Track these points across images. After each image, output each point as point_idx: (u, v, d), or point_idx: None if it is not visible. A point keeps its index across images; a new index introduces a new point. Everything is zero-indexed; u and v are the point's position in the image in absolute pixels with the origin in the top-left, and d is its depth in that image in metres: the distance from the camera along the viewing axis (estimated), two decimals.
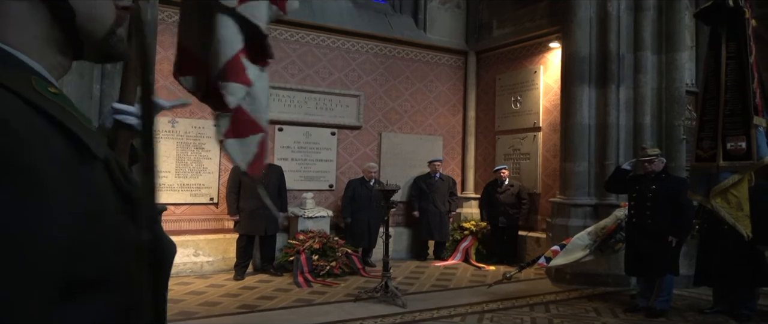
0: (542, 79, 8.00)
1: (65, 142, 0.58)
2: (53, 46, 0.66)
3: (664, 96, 6.45)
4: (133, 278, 0.65)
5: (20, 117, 0.54)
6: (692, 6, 6.90)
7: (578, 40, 6.61)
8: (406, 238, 8.26)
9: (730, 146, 4.88)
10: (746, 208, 4.82)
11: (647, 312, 5.07)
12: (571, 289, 6.07)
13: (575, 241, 5.69)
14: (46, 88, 0.60)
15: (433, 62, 8.83)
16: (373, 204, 7.01)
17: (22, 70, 0.61)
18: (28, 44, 0.63)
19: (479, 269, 7.38)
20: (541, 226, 7.59)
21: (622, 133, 6.47)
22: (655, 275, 5.14)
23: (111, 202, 0.64)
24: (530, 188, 7.93)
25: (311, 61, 7.78)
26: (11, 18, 0.62)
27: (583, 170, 6.57)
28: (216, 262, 6.78)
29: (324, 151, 7.81)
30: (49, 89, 0.60)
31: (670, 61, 6.43)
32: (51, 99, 0.59)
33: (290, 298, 5.56)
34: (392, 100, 8.41)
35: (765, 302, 5.33)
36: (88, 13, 0.67)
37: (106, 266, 0.60)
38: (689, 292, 5.89)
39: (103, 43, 0.71)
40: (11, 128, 0.51)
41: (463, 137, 9.08)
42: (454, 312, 5.12)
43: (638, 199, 5.21)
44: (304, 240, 6.60)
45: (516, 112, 8.36)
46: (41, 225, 0.51)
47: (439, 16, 8.90)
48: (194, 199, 6.89)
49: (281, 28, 7.53)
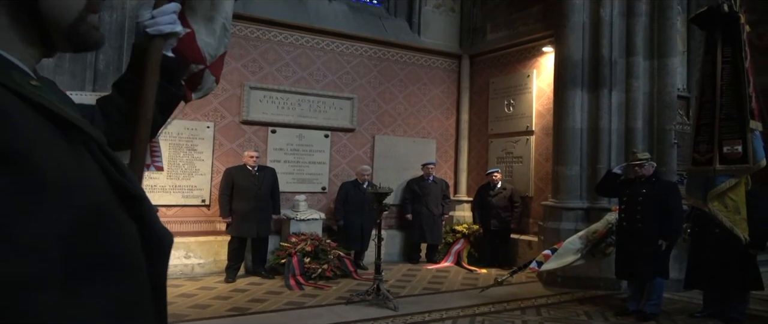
0: (535, 83, 8.03)
1: (53, 129, 0.58)
2: (20, 36, 0.64)
3: (655, 101, 6.49)
4: (130, 265, 0.64)
5: (11, 106, 0.54)
6: (684, 12, 6.97)
7: (571, 44, 6.65)
8: (399, 241, 8.26)
9: (727, 150, 4.92)
10: (743, 211, 4.86)
11: (638, 315, 5.09)
12: (562, 293, 6.09)
13: (566, 246, 5.71)
14: (28, 81, 0.60)
15: (427, 65, 8.85)
16: (365, 206, 7.01)
17: (1, 65, 0.60)
18: (2, 38, 0.62)
19: (471, 272, 7.39)
20: (533, 229, 7.61)
21: (613, 137, 6.50)
22: (645, 279, 5.16)
23: (103, 188, 0.64)
24: (523, 191, 7.95)
25: (305, 64, 7.77)
26: None
27: (575, 174, 6.60)
28: (207, 265, 6.76)
29: (317, 153, 7.80)
30: (30, 82, 0.60)
31: (662, 67, 6.47)
32: (33, 91, 0.59)
33: (281, 300, 5.55)
34: (386, 102, 8.42)
35: (755, 306, 5.35)
36: (52, 0, 0.65)
37: (102, 251, 0.59)
38: (680, 295, 5.91)
39: (70, 31, 0.67)
40: (4, 116, 0.51)
41: (457, 140, 9.09)
42: (445, 315, 5.12)
43: (629, 203, 5.23)
44: (296, 242, 6.58)
45: (509, 115, 8.39)
46: (40, 211, 0.51)
47: (433, 19, 8.93)
48: (186, 200, 6.86)
49: (275, 30, 7.53)
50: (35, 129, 0.55)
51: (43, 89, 0.62)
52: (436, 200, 7.97)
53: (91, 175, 0.63)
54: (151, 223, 0.70)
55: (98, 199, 0.61)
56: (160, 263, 0.72)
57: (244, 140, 7.30)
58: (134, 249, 0.65)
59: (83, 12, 0.68)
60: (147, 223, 0.69)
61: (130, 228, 0.66)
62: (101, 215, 0.60)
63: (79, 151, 0.62)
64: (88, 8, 0.68)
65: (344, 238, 7.22)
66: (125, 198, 0.67)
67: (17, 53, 0.63)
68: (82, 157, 0.63)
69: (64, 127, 0.60)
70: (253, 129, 7.39)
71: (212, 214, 6.95)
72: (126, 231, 0.64)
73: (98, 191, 0.62)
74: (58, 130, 0.59)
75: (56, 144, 0.57)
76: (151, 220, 0.71)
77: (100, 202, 0.61)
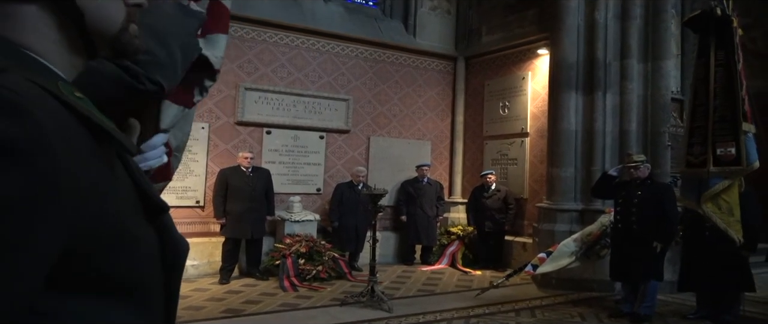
0: (530, 85, 8.05)
1: (91, 139, 0.61)
2: (67, 47, 0.68)
3: (649, 103, 6.52)
4: (148, 277, 0.67)
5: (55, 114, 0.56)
6: (678, 15, 7.00)
7: (566, 47, 6.67)
8: (394, 243, 8.25)
9: (720, 152, 4.94)
10: (737, 213, 4.89)
11: (631, 317, 5.10)
12: (556, 295, 6.10)
13: (561, 249, 5.71)
14: (72, 92, 0.63)
15: (423, 67, 8.85)
16: (360, 208, 7.00)
17: (49, 76, 0.63)
18: (49, 50, 0.65)
19: (466, 274, 7.39)
20: (528, 231, 7.62)
21: (608, 140, 6.52)
22: (639, 281, 5.18)
23: (131, 200, 0.66)
24: (517, 193, 7.97)
25: (300, 65, 7.76)
26: (27, 25, 0.64)
27: (569, 176, 6.61)
28: (201, 266, 6.73)
29: (312, 154, 7.79)
30: (74, 93, 0.63)
31: (656, 69, 6.50)
32: (76, 101, 0.62)
33: (276, 302, 5.53)
34: (381, 104, 8.42)
35: (748, 308, 5.38)
36: (97, 13, 0.68)
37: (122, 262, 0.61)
38: (673, 297, 5.93)
39: (115, 41, 0.72)
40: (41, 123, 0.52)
41: (452, 142, 9.10)
42: (440, 317, 5.12)
43: (624, 205, 5.25)
44: (290, 244, 6.56)
45: (504, 117, 8.41)
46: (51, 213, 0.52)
47: (429, 21, 8.94)
48: (180, 202, 6.83)
49: (271, 31, 7.52)
50: (70, 135, 0.56)
51: (86, 101, 0.64)
52: (431, 202, 7.98)
53: (121, 186, 0.65)
54: (171, 233, 0.74)
55: (120, 209, 0.62)
56: (175, 272, 0.75)
57: (239, 141, 7.28)
58: (148, 265, 0.68)
59: (125, 22, 0.72)
60: (167, 233, 0.73)
61: (150, 240, 0.68)
62: (120, 229, 0.61)
63: (113, 162, 0.65)
64: (128, 18, 0.72)
65: (339, 240, 7.20)
66: (151, 209, 0.70)
67: (63, 66, 0.67)
68: (115, 167, 0.65)
69: (103, 137, 0.63)
70: (248, 130, 7.37)
71: (206, 215, 6.92)
72: (143, 245, 0.66)
73: (124, 202, 0.64)
74: (94, 139, 0.61)
75: (90, 153, 0.59)
76: (171, 230, 0.74)
77: (121, 213, 0.62)
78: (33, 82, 0.57)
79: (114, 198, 0.61)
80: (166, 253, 0.71)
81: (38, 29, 0.64)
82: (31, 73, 0.59)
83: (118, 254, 0.61)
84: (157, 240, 0.70)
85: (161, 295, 0.71)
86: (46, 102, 0.56)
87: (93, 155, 0.60)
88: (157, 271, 0.70)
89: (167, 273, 0.72)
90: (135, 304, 0.64)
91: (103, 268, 0.59)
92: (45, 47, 0.64)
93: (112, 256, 0.60)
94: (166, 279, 0.72)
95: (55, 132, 0.53)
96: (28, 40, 0.63)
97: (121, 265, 0.61)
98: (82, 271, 0.57)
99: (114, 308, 0.61)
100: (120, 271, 0.61)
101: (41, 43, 0.64)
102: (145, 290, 0.67)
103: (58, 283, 0.55)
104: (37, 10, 0.64)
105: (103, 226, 0.58)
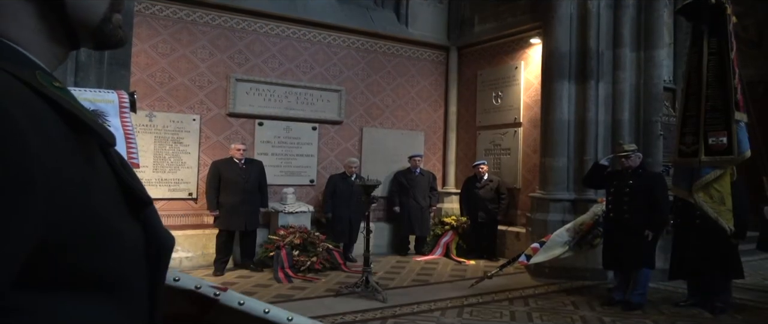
0: (523, 75, 8.04)
1: (70, 131, 0.59)
2: (47, 37, 0.66)
3: (642, 92, 6.53)
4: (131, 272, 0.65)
5: (27, 103, 0.54)
6: (671, 4, 7.00)
7: (559, 36, 6.66)
8: (387, 233, 8.26)
9: (712, 141, 4.95)
10: (728, 202, 4.91)
11: (623, 305, 5.15)
12: (549, 283, 6.14)
13: (554, 239, 5.74)
14: (51, 82, 0.61)
15: (415, 57, 8.82)
16: (354, 199, 7.00)
17: (26, 65, 0.61)
18: (28, 39, 0.63)
19: (459, 264, 7.42)
20: (521, 220, 7.65)
21: (600, 129, 6.54)
22: (631, 269, 5.22)
23: (112, 191, 0.64)
24: (511, 183, 7.99)
25: (292, 55, 7.71)
26: (5, 13, 0.62)
27: (562, 165, 6.63)
28: (195, 258, 6.71)
29: (305, 146, 7.76)
30: (53, 84, 0.61)
31: (649, 58, 6.51)
32: (54, 91, 0.60)
33: (270, 293, 5.53)
34: (374, 95, 8.39)
35: (738, 295, 5.44)
36: (78, 3, 0.66)
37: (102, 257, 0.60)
38: (665, 285, 5.99)
39: (97, 31, 0.69)
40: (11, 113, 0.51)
41: (445, 132, 9.10)
42: (434, 306, 5.14)
43: (615, 195, 5.28)
44: (284, 235, 6.56)
45: (497, 107, 8.40)
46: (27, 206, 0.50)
47: (421, 11, 8.89)
48: (173, 194, 6.79)
49: (262, 21, 7.45)
50: (46, 127, 0.55)
51: (65, 91, 0.62)
52: (424, 192, 7.98)
53: (102, 179, 0.63)
54: (156, 227, 0.72)
55: (101, 203, 0.61)
56: (160, 266, 0.73)
57: (231, 133, 7.23)
58: (131, 260, 0.66)
59: (108, 12, 0.70)
60: (152, 227, 0.71)
61: (133, 234, 0.66)
62: (102, 221, 0.60)
63: (93, 154, 0.63)
64: (112, 8, 0.70)
65: (333, 231, 7.20)
66: (135, 202, 0.68)
67: (44, 55, 0.65)
68: (96, 159, 0.63)
69: (82, 129, 0.61)
70: (240, 121, 7.33)
71: (199, 207, 6.89)
72: (126, 239, 0.65)
73: (105, 195, 0.62)
74: (73, 131, 0.60)
75: (67, 144, 0.58)
76: (156, 224, 0.72)
77: (102, 206, 0.61)
78: (4, 71, 0.55)
79: (94, 191, 0.59)
80: (150, 248, 0.69)
81: (18, 18, 0.62)
82: (6, 62, 0.57)
83: (98, 249, 0.59)
84: (141, 234, 0.68)
85: (145, 290, 0.69)
86: (18, 92, 0.54)
87: (70, 147, 0.58)
88: (141, 266, 0.68)
89: (152, 268, 0.70)
90: (116, 300, 0.62)
91: (81, 263, 0.57)
92: (24, 36, 0.63)
93: (91, 250, 0.58)
94: (150, 274, 0.70)
95: (27, 123, 0.52)
96: (6, 29, 0.61)
97: (100, 260, 0.59)
98: (58, 266, 0.55)
99: (92, 304, 0.59)
100: (99, 266, 0.59)
101: (20, 31, 0.62)
102: (127, 286, 0.65)
103: (32, 279, 0.53)
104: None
105: (81, 220, 0.56)
